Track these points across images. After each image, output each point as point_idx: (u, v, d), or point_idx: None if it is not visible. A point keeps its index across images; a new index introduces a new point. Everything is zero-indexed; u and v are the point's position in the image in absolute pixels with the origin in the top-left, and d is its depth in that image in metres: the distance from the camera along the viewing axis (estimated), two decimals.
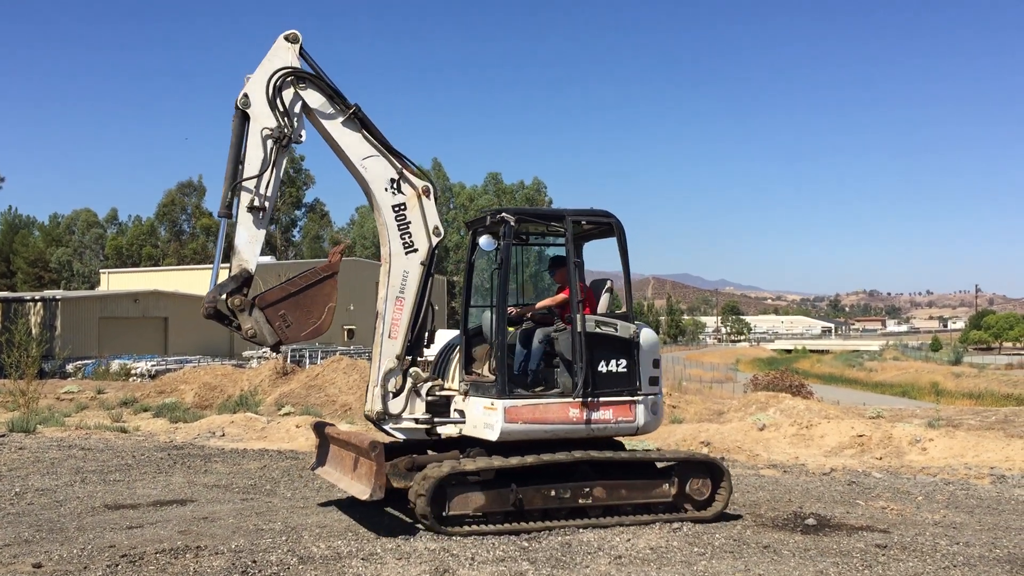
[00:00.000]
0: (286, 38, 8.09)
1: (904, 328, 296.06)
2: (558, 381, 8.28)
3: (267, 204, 7.97)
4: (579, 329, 8.12)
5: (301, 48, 8.13)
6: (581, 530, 7.81)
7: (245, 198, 7.85)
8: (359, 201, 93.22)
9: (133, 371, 35.50)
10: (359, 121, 8.26)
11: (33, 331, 39.04)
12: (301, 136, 8.14)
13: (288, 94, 8.00)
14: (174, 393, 23.46)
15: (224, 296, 7.80)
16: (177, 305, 49.65)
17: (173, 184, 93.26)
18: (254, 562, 6.65)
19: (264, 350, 38.13)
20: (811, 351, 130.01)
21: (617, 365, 8.26)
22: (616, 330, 8.32)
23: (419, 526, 7.78)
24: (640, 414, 8.30)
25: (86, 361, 37.67)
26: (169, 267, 69.90)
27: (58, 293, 48.61)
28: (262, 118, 7.91)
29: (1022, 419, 18.30)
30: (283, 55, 8.05)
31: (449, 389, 8.57)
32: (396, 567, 6.63)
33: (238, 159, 7.89)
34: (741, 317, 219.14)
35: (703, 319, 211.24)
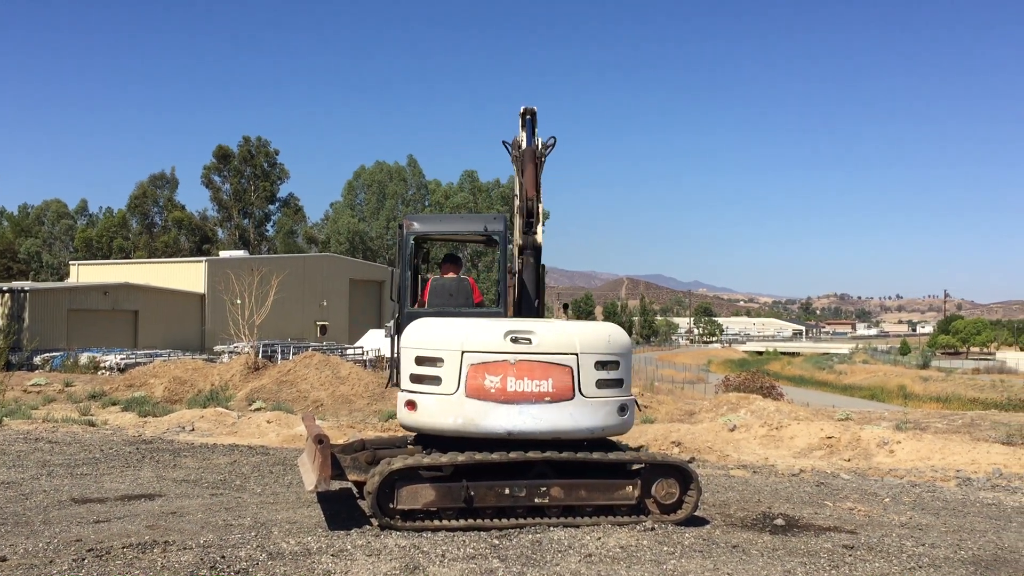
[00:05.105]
0: (519, 114, 10.00)
1: (874, 332, 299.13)
2: None
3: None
4: None
5: (523, 117, 9.91)
6: (551, 528, 7.82)
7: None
8: (333, 196, 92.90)
9: (102, 364, 35.10)
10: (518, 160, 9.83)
11: (0, 322, 38.57)
12: None
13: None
14: (143, 387, 23.23)
15: None
16: (148, 298, 49.17)
17: (145, 176, 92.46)
18: (223, 557, 6.61)
19: (235, 345, 37.87)
20: (782, 353, 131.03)
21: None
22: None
23: (373, 520, 7.76)
24: (399, 409, 8.32)
25: (54, 353, 37.20)
26: (140, 260, 69.21)
27: (26, 284, 47.95)
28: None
29: (988, 423, 18.53)
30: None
31: None
32: (366, 563, 6.61)
33: None
34: (714, 318, 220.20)
35: (676, 320, 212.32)
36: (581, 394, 8.00)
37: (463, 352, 7.90)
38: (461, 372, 7.87)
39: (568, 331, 8.20)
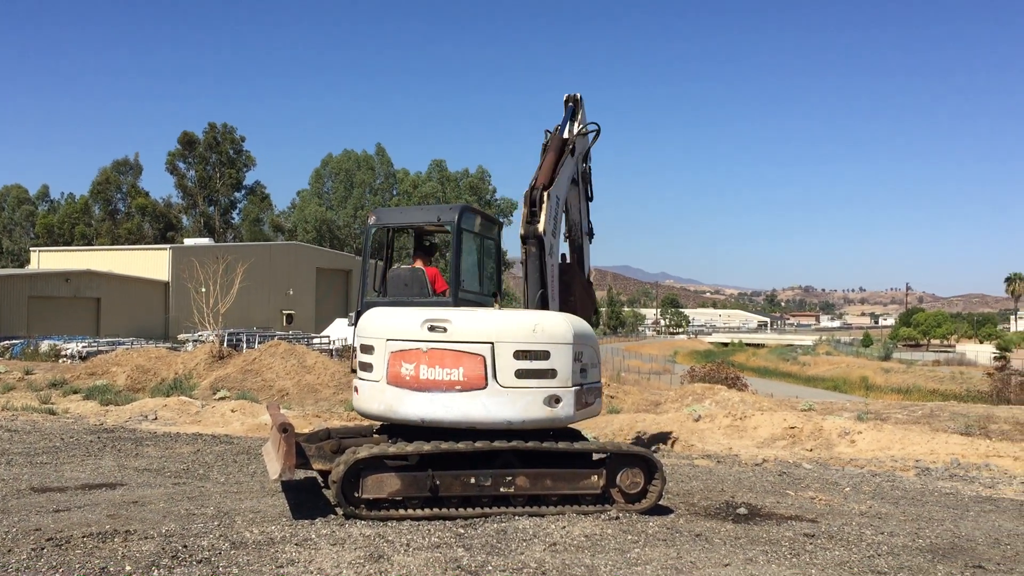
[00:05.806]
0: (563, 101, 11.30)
1: (837, 324, 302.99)
2: None
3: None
4: None
5: (566, 104, 11.23)
6: (516, 517, 7.83)
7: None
8: (300, 184, 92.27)
9: (63, 352, 34.61)
10: None
11: None
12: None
13: None
14: (105, 375, 22.93)
15: None
16: (110, 285, 48.57)
17: (108, 161, 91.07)
18: (185, 547, 6.55)
19: (199, 333, 37.51)
20: (747, 344, 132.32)
21: None
22: None
23: (338, 509, 7.74)
24: (352, 394, 8.86)
25: (14, 341, 36.65)
26: (103, 247, 68.25)
27: None
28: None
29: (947, 414, 18.81)
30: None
31: None
32: (330, 552, 6.58)
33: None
34: (680, 310, 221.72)
35: (643, 311, 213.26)
36: (497, 384, 7.87)
37: (387, 340, 8.13)
38: (385, 360, 8.13)
39: (486, 320, 8.11)
